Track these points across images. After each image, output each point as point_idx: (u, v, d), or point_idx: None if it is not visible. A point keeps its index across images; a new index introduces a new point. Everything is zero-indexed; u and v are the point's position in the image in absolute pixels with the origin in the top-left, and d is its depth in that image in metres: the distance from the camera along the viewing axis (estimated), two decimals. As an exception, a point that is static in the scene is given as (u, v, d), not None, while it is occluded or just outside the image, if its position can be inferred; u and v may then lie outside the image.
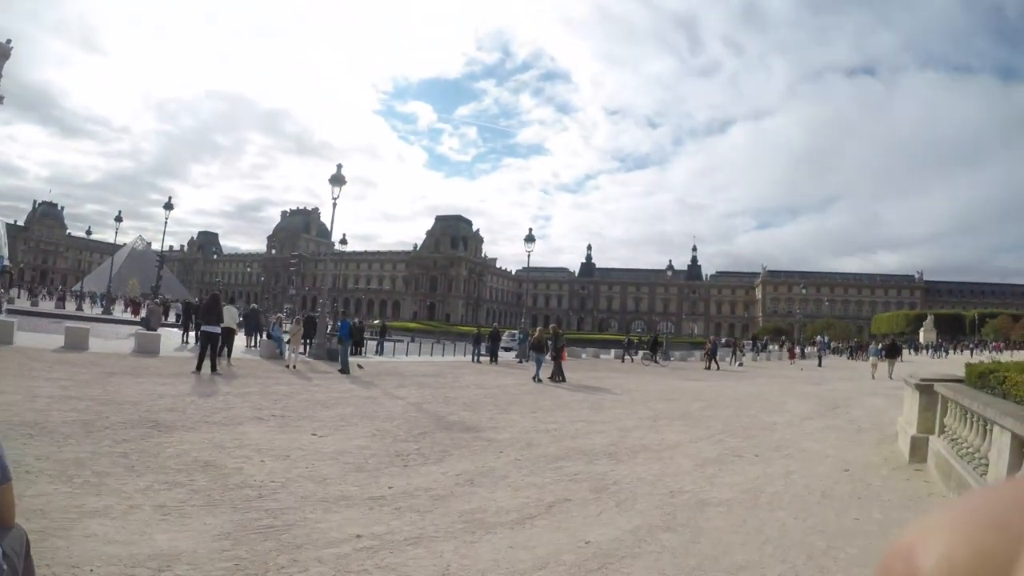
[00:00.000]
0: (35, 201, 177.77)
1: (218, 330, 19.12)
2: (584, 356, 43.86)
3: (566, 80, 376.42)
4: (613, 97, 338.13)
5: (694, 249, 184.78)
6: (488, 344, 34.25)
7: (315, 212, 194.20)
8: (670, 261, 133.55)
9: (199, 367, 18.03)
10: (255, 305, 43.66)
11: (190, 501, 6.60)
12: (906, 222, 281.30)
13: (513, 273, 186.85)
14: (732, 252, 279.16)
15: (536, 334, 27.56)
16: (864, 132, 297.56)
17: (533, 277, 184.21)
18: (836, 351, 79.29)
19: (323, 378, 20.23)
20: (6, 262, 34.36)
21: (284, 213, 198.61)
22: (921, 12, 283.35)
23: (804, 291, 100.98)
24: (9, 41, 71.05)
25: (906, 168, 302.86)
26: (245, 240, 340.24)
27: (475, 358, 33.87)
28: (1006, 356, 34.79)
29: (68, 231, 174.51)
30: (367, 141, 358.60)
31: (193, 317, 29.26)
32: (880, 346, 39.81)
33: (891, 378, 31.48)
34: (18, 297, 65.74)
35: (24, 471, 6.86)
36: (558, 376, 24.45)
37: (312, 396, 15.72)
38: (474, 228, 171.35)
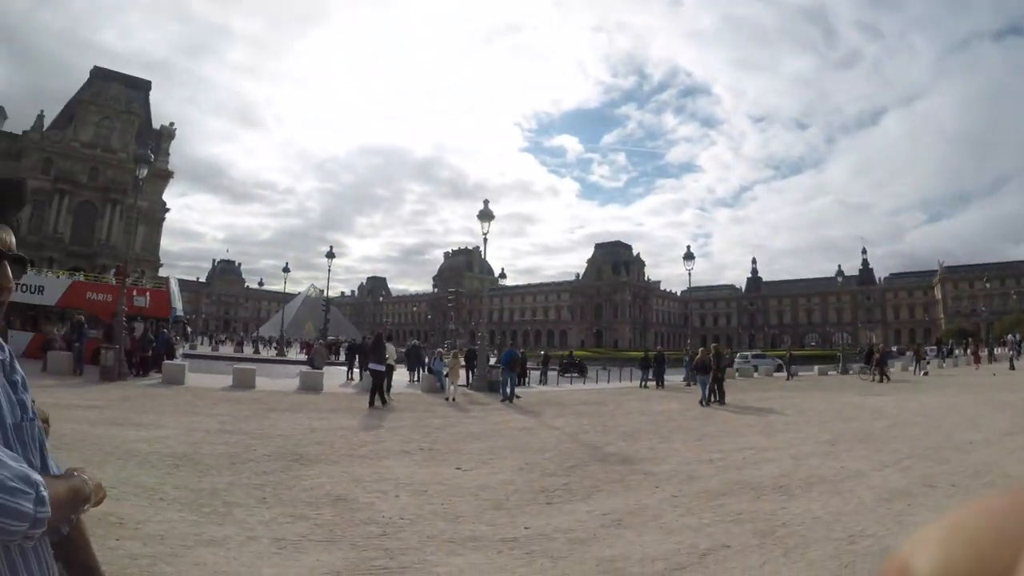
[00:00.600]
0: (214, 260, 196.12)
1: (383, 368, 20.00)
2: (756, 375, 41.98)
3: (706, 93, 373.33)
4: (756, 103, 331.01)
5: (863, 252, 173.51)
6: (655, 368, 33.19)
7: (476, 251, 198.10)
8: (839, 267, 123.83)
9: (371, 403, 19.04)
10: (415, 341, 44.71)
11: (311, 535, 6.48)
12: None
13: (678, 294, 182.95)
14: (904, 251, 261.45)
15: (699, 355, 26.17)
16: None
17: (698, 296, 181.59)
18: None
19: (481, 409, 20.25)
20: (179, 313, 37.27)
21: (447, 254, 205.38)
22: None
23: (988, 285, 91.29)
24: (172, 124, 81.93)
25: None
26: (412, 282, 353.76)
27: (642, 383, 33.13)
28: None
29: (246, 283, 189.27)
30: (518, 178, 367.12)
31: (357, 356, 30.50)
32: None
33: None
34: (201, 344, 71.22)
35: (159, 498, 7.15)
36: (716, 398, 23.44)
37: (465, 428, 15.64)
38: (634, 252, 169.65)
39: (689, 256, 41.53)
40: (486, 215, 31.30)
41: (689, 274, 41.79)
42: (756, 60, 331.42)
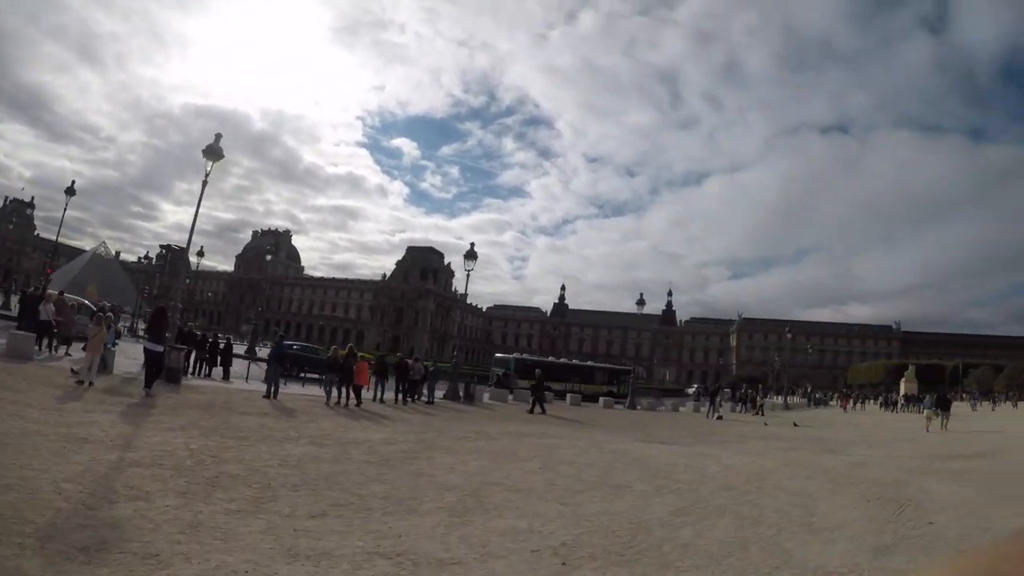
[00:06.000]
0: (6, 197, 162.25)
1: (160, 348, 18.00)
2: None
3: (549, 126, 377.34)
4: (594, 145, 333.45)
5: (669, 294, 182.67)
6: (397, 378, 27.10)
7: (286, 234, 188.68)
8: (641, 295, 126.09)
9: (148, 385, 16.89)
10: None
11: None
12: (878, 275, 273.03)
13: (484, 310, 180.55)
14: (705, 301, 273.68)
15: (331, 353, 23.72)
16: (837, 187, 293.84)
17: (504, 315, 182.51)
18: (819, 401, 76.23)
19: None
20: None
21: (255, 233, 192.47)
22: (896, 74, 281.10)
23: (790, 335, 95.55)
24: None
25: (878, 223, 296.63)
26: (223, 260, 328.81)
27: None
28: None
29: (37, 231, 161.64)
30: (350, 171, 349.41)
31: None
32: (933, 399, 37.02)
33: (945, 429, 31.92)
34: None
35: None
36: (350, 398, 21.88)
37: None
38: (446, 262, 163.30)
39: (471, 255, 34.96)
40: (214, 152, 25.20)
41: (468, 275, 35.57)
42: (603, 106, 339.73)
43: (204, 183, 25.28)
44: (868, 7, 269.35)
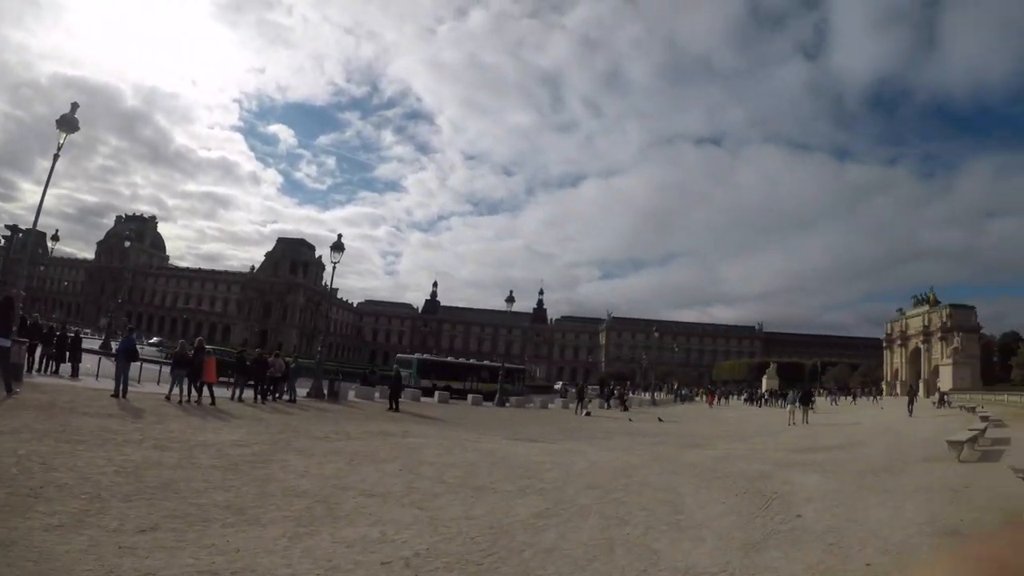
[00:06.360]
0: None
1: (8, 343, 16.85)
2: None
3: (429, 121, 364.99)
4: (473, 143, 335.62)
5: (541, 293, 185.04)
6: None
7: (152, 221, 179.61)
8: (511, 292, 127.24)
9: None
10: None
11: None
12: (742, 279, 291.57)
13: (355, 305, 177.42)
14: (576, 300, 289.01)
15: (178, 348, 22.82)
16: (708, 196, 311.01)
17: (375, 311, 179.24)
18: (685, 397, 78.52)
19: None
20: None
21: (119, 218, 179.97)
22: (771, 94, 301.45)
23: (658, 334, 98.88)
24: None
25: (744, 231, 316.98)
26: (85, 248, 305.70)
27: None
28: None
29: None
30: (223, 156, 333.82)
31: None
32: (797, 394, 38.71)
33: (805, 423, 33.60)
34: None
35: None
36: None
37: None
38: (317, 255, 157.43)
39: (338, 247, 33.26)
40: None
41: (334, 267, 33.84)
42: (485, 104, 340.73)
43: (56, 156, 23.18)
44: (750, 30, 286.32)
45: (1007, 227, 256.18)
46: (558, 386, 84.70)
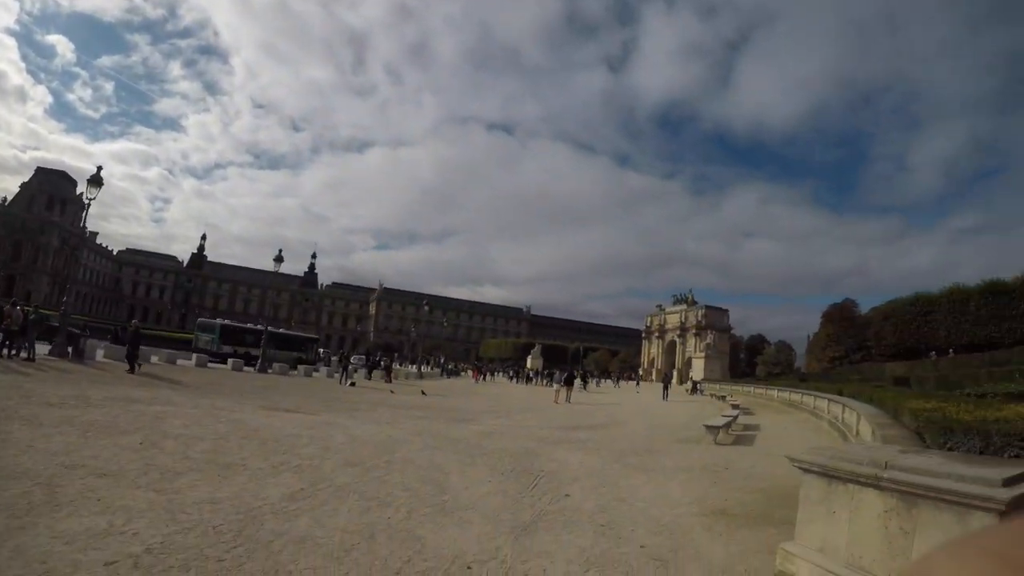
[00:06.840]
0: None
1: None
2: (155, 359, 31.92)
3: (223, 60, 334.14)
4: (265, 91, 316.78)
5: (313, 256, 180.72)
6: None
7: None
8: (280, 251, 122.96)
9: None
10: None
11: None
12: (514, 262, 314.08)
13: (114, 253, 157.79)
14: (348, 267, 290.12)
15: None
16: (491, 180, 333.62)
17: (137, 261, 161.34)
18: (452, 372, 79.85)
19: None
20: None
21: None
22: (569, 95, 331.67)
23: (427, 308, 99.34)
24: None
25: (522, 217, 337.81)
26: None
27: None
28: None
29: None
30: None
31: None
32: (563, 375, 40.00)
33: (568, 402, 35.01)
34: None
35: None
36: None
37: None
38: (78, 191, 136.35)
39: (96, 181, 27.82)
40: None
41: (88, 204, 27.93)
42: (285, 54, 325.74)
43: None
44: (564, 34, 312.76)
45: (760, 247, 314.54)
46: (323, 352, 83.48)
